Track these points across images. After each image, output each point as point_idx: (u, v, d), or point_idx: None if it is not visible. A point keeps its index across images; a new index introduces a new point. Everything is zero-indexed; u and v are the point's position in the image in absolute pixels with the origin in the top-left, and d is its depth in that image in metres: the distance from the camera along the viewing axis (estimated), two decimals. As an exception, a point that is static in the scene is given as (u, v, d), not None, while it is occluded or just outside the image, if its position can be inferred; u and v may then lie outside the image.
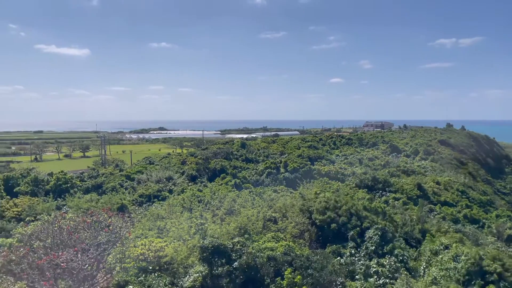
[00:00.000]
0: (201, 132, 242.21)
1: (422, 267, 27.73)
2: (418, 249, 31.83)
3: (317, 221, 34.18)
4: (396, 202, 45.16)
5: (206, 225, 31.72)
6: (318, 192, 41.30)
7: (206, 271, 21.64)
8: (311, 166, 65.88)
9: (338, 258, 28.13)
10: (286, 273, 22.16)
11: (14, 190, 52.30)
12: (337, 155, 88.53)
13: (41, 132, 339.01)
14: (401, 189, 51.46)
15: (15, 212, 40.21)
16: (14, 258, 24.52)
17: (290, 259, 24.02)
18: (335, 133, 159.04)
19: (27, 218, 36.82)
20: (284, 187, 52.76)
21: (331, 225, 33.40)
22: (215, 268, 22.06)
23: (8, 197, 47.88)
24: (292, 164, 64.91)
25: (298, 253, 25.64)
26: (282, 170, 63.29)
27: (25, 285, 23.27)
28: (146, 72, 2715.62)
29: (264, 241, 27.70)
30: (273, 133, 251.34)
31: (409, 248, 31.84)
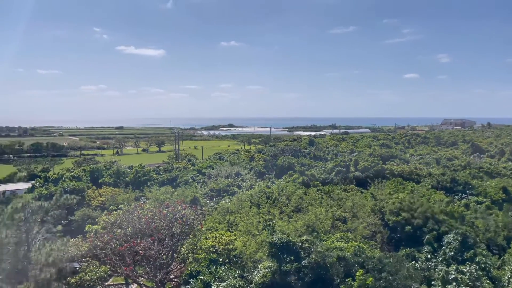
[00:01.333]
0: (269, 129, 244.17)
1: (506, 277, 25.32)
2: (502, 258, 29.17)
3: (389, 222, 32.76)
4: (479, 206, 41.73)
5: (274, 221, 31.85)
6: (391, 192, 39.56)
7: (275, 267, 21.73)
8: (383, 165, 63.31)
9: (413, 262, 26.69)
10: (357, 274, 21.52)
11: (99, 181, 56.90)
12: (412, 154, 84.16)
13: (121, 128, 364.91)
14: (484, 192, 47.44)
15: (99, 201, 43.68)
16: (99, 243, 26.63)
17: (361, 261, 23.27)
18: (410, 131, 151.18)
19: (110, 207, 39.77)
20: (354, 186, 51.29)
21: (405, 227, 31.79)
22: (283, 265, 22.06)
23: (94, 187, 52.18)
24: (362, 163, 62.93)
25: (369, 254, 24.78)
26: (352, 168, 61.62)
27: (108, 269, 25.19)
28: (217, 70, 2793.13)
29: (333, 241, 27.15)
30: (342, 130, 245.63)
31: (492, 256, 29.30)
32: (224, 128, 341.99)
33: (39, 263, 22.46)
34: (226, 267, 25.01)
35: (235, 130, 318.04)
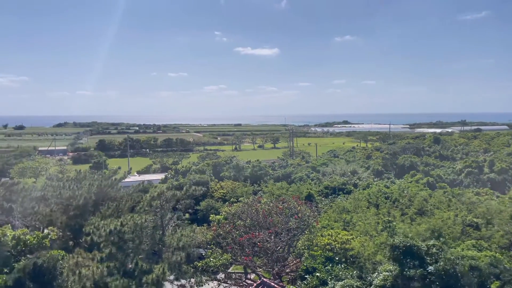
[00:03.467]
0: (388, 125, 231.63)
1: None
2: None
3: (535, 233, 28.32)
4: None
5: (394, 223, 30.12)
6: (536, 198, 34.19)
7: (397, 271, 20.52)
8: (526, 167, 55.05)
9: None
10: (492, 286, 19.17)
11: (220, 175, 60.96)
12: None
13: (239, 125, 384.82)
14: None
15: (221, 193, 46.71)
16: (221, 233, 28.57)
17: (498, 272, 20.61)
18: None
19: (231, 199, 42.22)
20: (488, 189, 45.70)
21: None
22: (406, 269, 20.70)
23: (216, 180, 56.03)
24: (499, 163, 55.63)
25: (507, 266, 21.80)
26: (486, 170, 54.95)
27: (229, 257, 26.86)
28: (330, 67, 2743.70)
29: (463, 248, 24.55)
30: (473, 127, 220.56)
31: None
32: (339, 125, 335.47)
33: (171, 247, 24.94)
34: (342, 266, 24.54)
35: (350, 127, 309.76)
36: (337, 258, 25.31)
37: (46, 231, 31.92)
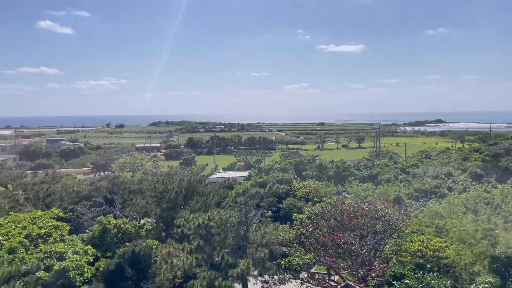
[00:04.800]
0: (488, 124, 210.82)
1: None
2: None
3: None
4: None
5: (496, 231, 27.28)
6: None
7: (497, 284, 18.62)
8: None
9: None
10: None
11: (302, 173, 60.75)
12: None
13: (322, 124, 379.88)
14: None
15: (304, 192, 46.47)
16: (304, 232, 28.40)
17: None
18: None
19: (314, 199, 41.81)
20: None
21: None
22: (508, 283, 18.69)
23: (299, 179, 55.94)
24: None
25: None
26: None
27: (313, 257, 26.59)
28: (422, 61, 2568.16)
29: None
30: None
31: None
32: (431, 124, 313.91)
33: (255, 243, 25.46)
34: (435, 274, 22.89)
35: (444, 126, 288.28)
36: (428, 266, 23.69)
37: (142, 221, 34.69)
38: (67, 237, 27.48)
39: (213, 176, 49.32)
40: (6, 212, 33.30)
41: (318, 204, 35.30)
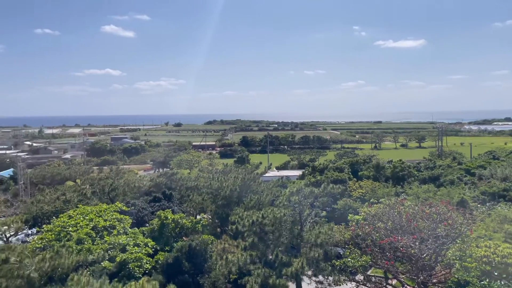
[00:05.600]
0: None
1: None
2: None
3: None
4: None
5: None
6: None
7: None
8: None
9: None
10: None
11: (358, 174, 59.17)
12: None
13: (379, 122, 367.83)
14: None
15: (359, 193, 45.33)
16: (360, 233, 27.62)
17: None
18: None
19: (371, 200, 40.58)
20: None
21: None
22: None
23: (355, 179, 54.58)
24: None
25: None
26: None
27: (369, 259, 25.80)
28: (488, 56, 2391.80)
29: None
30: None
31: None
32: (499, 123, 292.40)
33: (309, 242, 25.20)
34: (502, 282, 21.38)
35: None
36: (496, 273, 22.14)
37: (198, 217, 35.74)
38: (130, 230, 28.98)
39: (267, 174, 49.46)
40: (75, 205, 35.86)
41: (375, 205, 34.24)
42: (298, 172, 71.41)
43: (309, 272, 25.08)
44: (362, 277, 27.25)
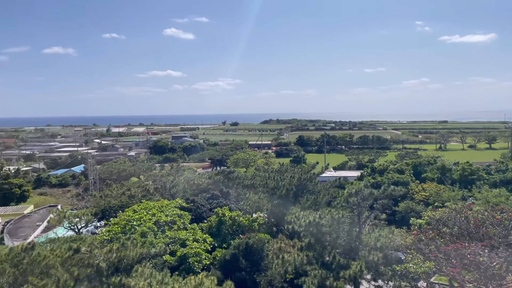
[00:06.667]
0: None
1: None
2: None
3: None
4: None
5: None
6: None
7: None
8: None
9: None
10: None
11: (421, 176, 56.35)
12: None
13: (445, 122, 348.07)
14: None
15: (423, 196, 43.20)
16: (423, 238, 26.29)
17: None
18: None
19: (435, 203, 38.55)
20: None
21: None
22: None
23: (417, 181, 52.09)
24: None
25: None
26: None
27: (432, 266, 24.48)
28: None
29: None
30: None
31: None
32: None
33: (368, 245, 24.44)
34: None
35: None
36: None
37: (254, 215, 36.06)
38: (189, 225, 29.97)
39: (323, 174, 48.59)
40: (139, 200, 37.76)
41: (439, 209, 32.49)
42: (356, 173, 69.59)
43: (368, 276, 24.34)
44: (425, 284, 25.97)
